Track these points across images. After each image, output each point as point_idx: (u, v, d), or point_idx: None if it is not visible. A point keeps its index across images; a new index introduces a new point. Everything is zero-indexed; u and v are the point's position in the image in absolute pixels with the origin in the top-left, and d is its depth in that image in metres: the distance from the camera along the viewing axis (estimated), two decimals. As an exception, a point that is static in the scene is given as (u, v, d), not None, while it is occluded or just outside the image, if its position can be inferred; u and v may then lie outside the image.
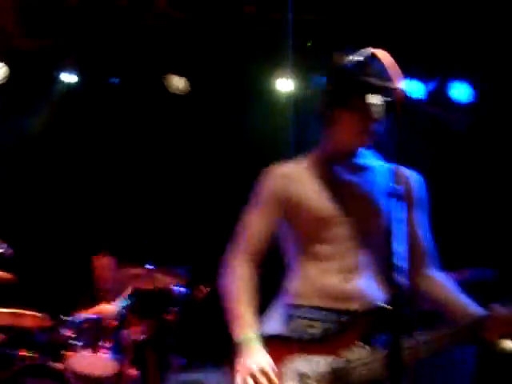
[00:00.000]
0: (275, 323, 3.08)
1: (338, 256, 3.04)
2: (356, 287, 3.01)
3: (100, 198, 7.87)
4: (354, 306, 2.99)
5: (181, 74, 7.82)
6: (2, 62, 7.48)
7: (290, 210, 3.12)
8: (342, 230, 3.06)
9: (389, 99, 2.57)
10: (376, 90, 2.59)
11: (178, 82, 7.79)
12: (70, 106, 7.90)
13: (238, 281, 3.07)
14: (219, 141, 7.86)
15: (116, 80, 7.93)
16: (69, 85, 7.85)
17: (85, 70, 7.81)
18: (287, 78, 7.57)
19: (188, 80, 7.84)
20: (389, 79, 2.65)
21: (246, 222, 3.16)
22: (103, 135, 7.97)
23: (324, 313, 3.01)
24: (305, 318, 3.03)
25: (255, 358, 2.86)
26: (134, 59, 7.65)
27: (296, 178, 3.14)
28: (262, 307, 3.14)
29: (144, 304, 6.33)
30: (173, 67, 7.78)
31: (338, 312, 3.00)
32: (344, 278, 3.02)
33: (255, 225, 3.15)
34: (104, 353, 6.06)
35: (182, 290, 6.17)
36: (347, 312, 2.98)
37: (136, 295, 6.31)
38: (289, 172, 3.17)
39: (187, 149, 7.93)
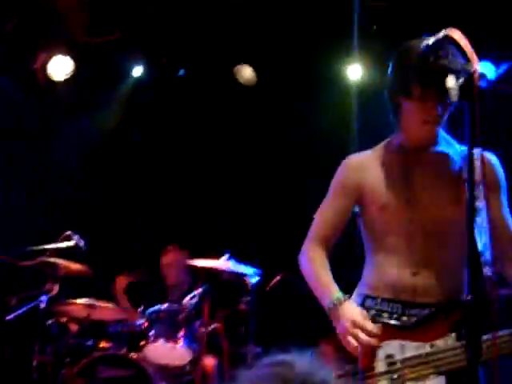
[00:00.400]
0: None
1: (406, 248, 3.06)
2: (422, 280, 3.02)
3: (172, 192, 7.92)
4: (420, 299, 3.02)
5: (248, 64, 7.80)
6: (69, 57, 7.57)
7: (361, 200, 3.19)
8: (410, 221, 3.06)
9: (465, 81, 2.53)
10: (451, 72, 2.56)
11: (246, 73, 7.78)
12: (138, 100, 7.97)
13: (312, 261, 3.21)
14: (288, 131, 7.83)
15: (183, 72, 7.95)
16: (137, 78, 7.90)
17: (152, 62, 7.86)
18: (355, 65, 7.48)
19: (255, 70, 7.83)
20: (464, 60, 2.61)
21: (318, 211, 3.29)
22: (172, 128, 8.02)
23: (391, 304, 3.06)
24: (373, 308, 3.09)
25: (346, 314, 2.97)
26: (201, 51, 7.67)
27: (368, 168, 3.18)
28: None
29: (217, 294, 6.36)
30: (240, 57, 7.78)
31: (405, 304, 3.04)
32: (411, 270, 3.04)
33: (325, 213, 3.27)
34: (179, 343, 6.11)
35: (255, 279, 6.19)
36: (413, 304, 3.01)
37: (209, 285, 6.33)
38: (362, 161, 3.23)
39: (256, 140, 7.93)
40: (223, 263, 6.12)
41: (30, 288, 6.10)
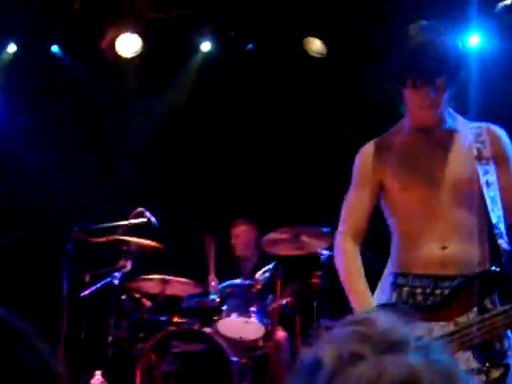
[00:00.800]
0: (385, 292, 3.20)
1: (433, 224, 3.11)
2: (451, 253, 3.07)
3: (243, 166, 7.89)
4: (450, 271, 3.07)
5: (318, 37, 7.69)
6: (137, 34, 7.58)
7: (383, 184, 3.25)
8: (431, 199, 3.13)
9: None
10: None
11: (316, 45, 7.67)
12: (206, 76, 7.94)
13: (345, 258, 3.25)
14: (361, 104, 7.69)
15: (252, 46, 7.89)
16: (205, 54, 7.88)
17: (221, 37, 7.82)
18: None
19: (325, 42, 7.71)
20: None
21: (346, 202, 3.37)
22: (241, 102, 7.97)
23: (423, 280, 3.11)
24: (406, 285, 3.14)
25: None
26: (270, 24, 7.58)
27: (385, 152, 3.26)
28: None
29: (289, 268, 6.34)
30: (310, 30, 7.67)
31: (436, 278, 3.08)
32: (440, 245, 3.08)
33: (353, 205, 3.33)
34: (251, 317, 6.13)
35: (327, 253, 6.14)
36: (444, 278, 3.06)
37: (280, 260, 6.32)
38: (378, 147, 3.30)
39: (326, 112, 7.82)
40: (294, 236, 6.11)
41: (103, 265, 6.19)
